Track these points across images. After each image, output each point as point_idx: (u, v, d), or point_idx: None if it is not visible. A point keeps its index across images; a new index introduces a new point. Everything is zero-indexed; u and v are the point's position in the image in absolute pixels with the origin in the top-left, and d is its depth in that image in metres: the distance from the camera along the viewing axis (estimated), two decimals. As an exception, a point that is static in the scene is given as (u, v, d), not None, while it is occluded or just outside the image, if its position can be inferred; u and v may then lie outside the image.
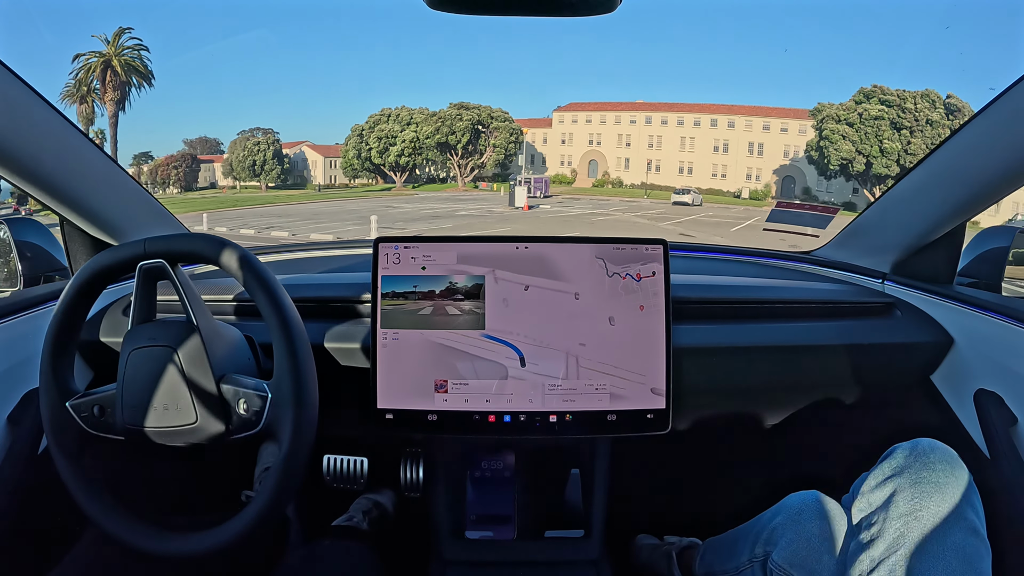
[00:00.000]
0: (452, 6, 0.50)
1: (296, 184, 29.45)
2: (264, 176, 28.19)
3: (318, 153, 30.01)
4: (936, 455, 0.58)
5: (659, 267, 0.74)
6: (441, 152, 27.31)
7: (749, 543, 0.72)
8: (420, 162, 28.18)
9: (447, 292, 0.73)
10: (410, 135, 27.00)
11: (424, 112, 27.53)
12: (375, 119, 28.09)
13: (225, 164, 28.92)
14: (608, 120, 28.40)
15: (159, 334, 0.60)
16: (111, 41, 22.23)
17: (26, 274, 0.85)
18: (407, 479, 0.87)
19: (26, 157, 0.71)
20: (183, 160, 29.17)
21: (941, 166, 0.81)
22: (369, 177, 29.24)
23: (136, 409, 0.60)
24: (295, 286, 0.84)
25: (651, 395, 0.73)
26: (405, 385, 0.73)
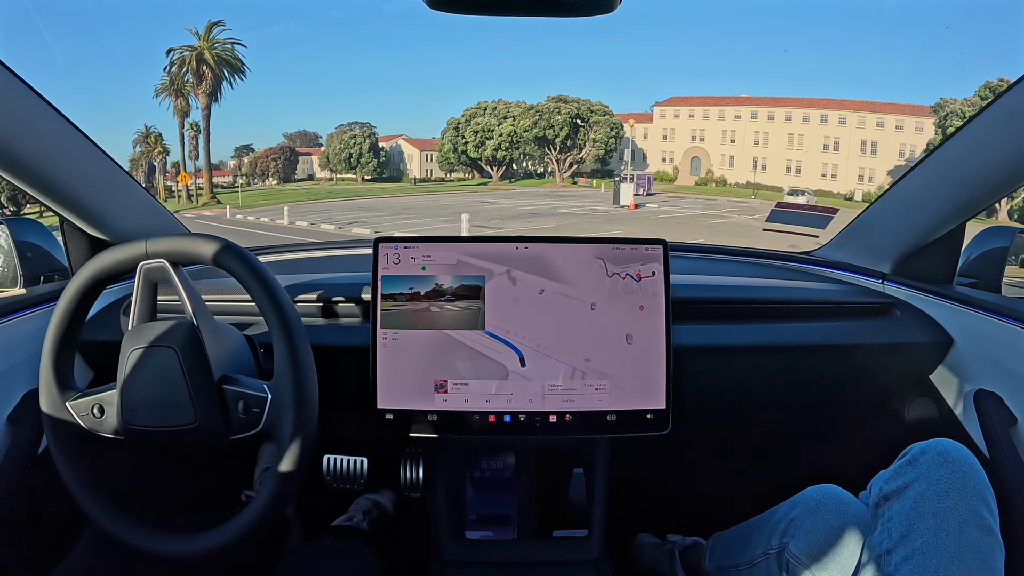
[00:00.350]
0: (452, 6, 0.50)
1: (392, 177, 29.39)
2: (360, 169, 28.27)
3: (414, 147, 29.84)
4: (954, 455, 0.59)
5: (659, 267, 0.74)
6: (539, 146, 26.70)
7: (764, 536, 0.72)
8: (517, 156, 27.67)
9: (447, 292, 0.73)
10: (507, 129, 26.57)
11: (521, 105, 26.97)
12: (471, 112, 27.74)
13: (322, 157, 29.17)
14: (712, 115, 26.71)
15: (160, 334, 0.60)
16: (202, 35, 22.42)
17: (26, 274, 0.85)
18: (407, 479, 0.87)
19: (26, 157, 0.71)
20: (282, 152, 29.63)
21: (941, 166, 0.81)
22: (465, 171, 28.81)
23: (136, 409, 0.60)
24: (295, 286, 0.84)
25: (651, 395, 0.73)
26: (405, 385, 0.73)
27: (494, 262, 0.73)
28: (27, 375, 0.72)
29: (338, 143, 28.63)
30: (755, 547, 0.73)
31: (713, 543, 0.85)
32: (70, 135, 0.75)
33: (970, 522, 0.54)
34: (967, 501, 0.56)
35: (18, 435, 0.70)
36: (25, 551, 0.72)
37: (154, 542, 0.61)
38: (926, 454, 0.60)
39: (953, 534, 0.54)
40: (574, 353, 0.73)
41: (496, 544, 0.81)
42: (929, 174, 0.83)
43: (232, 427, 0.60)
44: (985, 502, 0.56)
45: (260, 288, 0.60)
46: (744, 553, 0.75)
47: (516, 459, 0.85)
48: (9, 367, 0.72)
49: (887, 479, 0.62)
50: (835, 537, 0.64)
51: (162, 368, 0.59)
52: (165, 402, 0.59)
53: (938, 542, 0.54)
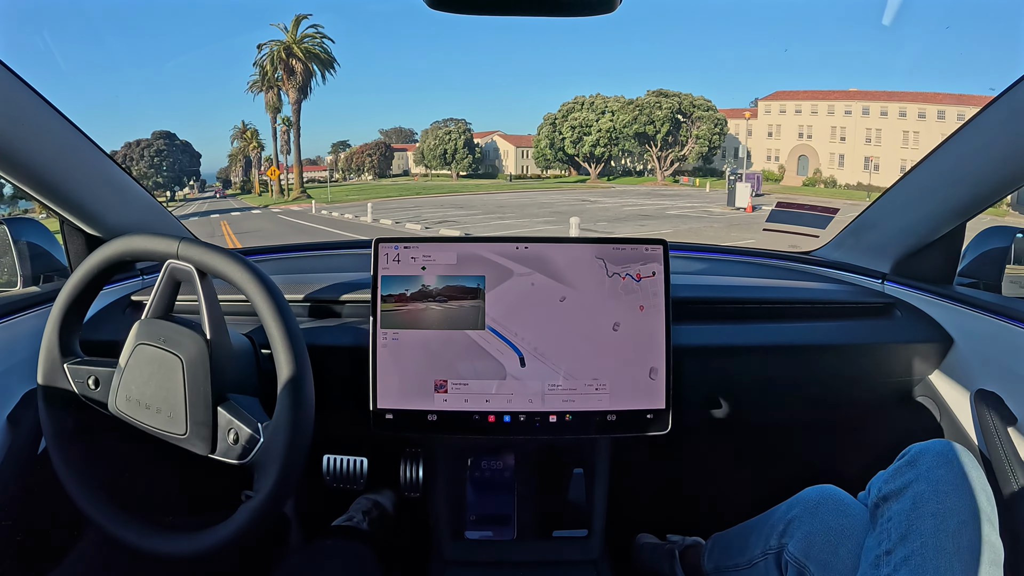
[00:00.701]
0: (452, 6, 0.51)
1: (487, 173, 28.96)
2: (455, 165, 27.95)
3: (510, 143, 29.24)
4: (953, 455, 0.59)
5: (659, 267, 0.74)
6: (639, 143, 25.15)
7: (763, 536, 0.72)
8: (616, 153, 26.21)
9: (447, 292, 0.73)
10: (606, 124, 25.21)
11: (620, 100, 25.45)
12: (568, 107, 26.45)
13: (417, 152, 29.03)
14: (820, 110, 23.81)
15: (171, 338, 0.60)
16: (290, 29, 22.33)
17: (26, 274, 0.85)
18: (407, 479, 0.87)
19: (21, 153, 0.71)
20: (377, 148, 29.70)
21: (941, 166, 0.81)
22: (562, 168, 27.92)
23: (129, 400, 0.60)
24: (295, 286, 0.84)
25: (651, 395, 0.73)
26: (405, 385, 0.73)
27: (494, 262, 0.73)
28: (27, 375, 0.72)
29: (433, 139, 28.34)
30: (754, 547, 0.73)
31: (712, 543, 0.85)
32: (69, 134, 0.75)
33: (969, 523, 0.54)
34: (966, 501, 0.56)
35: (18, 435, 0.70)
36: (25, 551, 0.72)
37: (145, 539, 0.60)
38: (925, 454, 0.60)
39: (952, 535, 0.54)
40: (574, 353, 0.73)
41: (496, 544, 0.81)
42: (929, 174, 0.83)
43: (217, 449, 0.60)
44: (983, 502, 0.56)
45: (279, 329, 0.59)
46: (743, 553, 0.75)
47: (516, 459, 0.85)
48: (9, 367, 0.72)
49: (886, 479, 0.62)
50: (834, 538, 0.64)
51: (165, 373, 0.59)
52: (159, 406, 0.59)
53: (937, 543, 0.54)
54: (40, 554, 0.74)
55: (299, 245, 1.13)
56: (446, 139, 28.16)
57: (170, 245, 0.60)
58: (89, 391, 0.63)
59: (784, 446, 1.12)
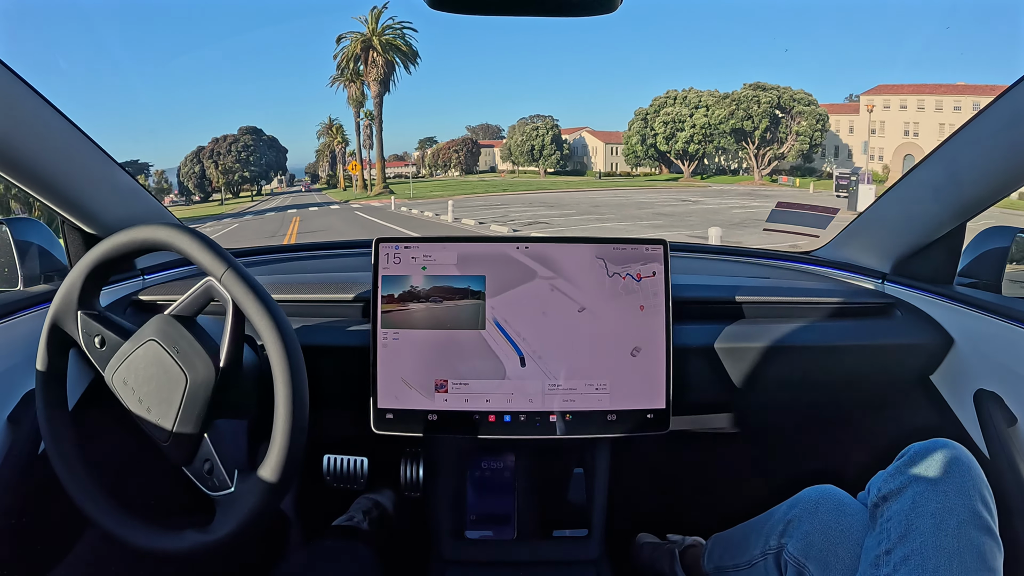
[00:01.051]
0: (452, 6, 0.51)
1: (576, 171, 28.20)
2: (542, 161, 27.39)
3: (598, 139, 28.28)
4: (953, 455, 0.59)
5: (659, 267, 0.74)
6: (735, 139, 23.16)
7: (762, 536, 0.72)
8: (710, 151, 24.41)
9: (447, 292, 0.73)
10: (700, 120, 23.44)
11: (715, 94, 23.72)
12: (660, 102, 24.90)
13: (504, 148, 28.68)
14: (927, 106, 21.76)
15: (185, 352, 0.59)
16: (370, 21, 22.24)
17: (26, 274, 0.85)
18: (407, 479, 0.87)
19: (24, 154, 0.71)
20: (464, 144, 29.73)
21: (941, 166, 0.81)
22: (652, 166, 26.55)
23: (127, 387, 0.60)
24: (295, 286, 0.84)
25: (651, 395, 0.73)
26: (405, 385, 0.73)
27: (494, 262, 0.73)
28: (27, 375, 0.72)
29: (520, 135, 27.82)
30: (753, 547, 0.73)
31: (712, 544, 0.85)
32: (68, 133, 0.75)
33: (969, 522, 0.54)
34: (966, 501, 0.56)
35: (18, 435, 0.70)
36: (25, 551, 0.72)
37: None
38: (925, 454, 0.60)
39: (952, 534, 0.54)
40: (574, 352, 0.73)
41: (496, 544, 0.81)
42: (929, 174, 0.83)
43: (191, 468, 0.60)
44: (984, 502, 0.56)
45: (284, 387, 0.57)
46: (743, 554, 0.75)
47: (516, 459, 0.85)
48: (9, 367, 0.72)
49: (886, 479, 0.62)
50: (833, 538, 0.64)
51: (167, 381, 0.59)
52: (150, 405, 0.59)
53: (937, 542, 0.54)
54: (40, 554, 0.74)
55: (300, 245, 1.13)
56: (533, 135, 27.60)
57: (218, 267, 0.59)
58: (93, 348, 0.62)
59: (784, 446, 1.12)
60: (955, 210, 0.81)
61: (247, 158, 26.38)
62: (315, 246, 1.14)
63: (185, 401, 0.58)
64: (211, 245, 0.59)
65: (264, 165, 27.32)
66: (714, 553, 0.83)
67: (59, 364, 0.65)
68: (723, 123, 22.98)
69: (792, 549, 0.66)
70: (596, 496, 0.83)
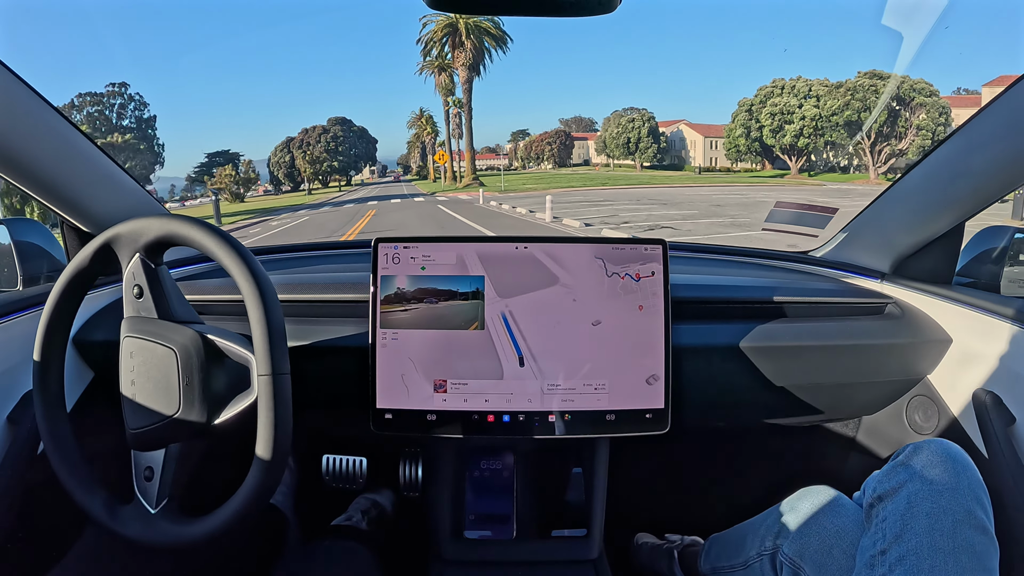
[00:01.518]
0: (452, 6, 0.51)
1: (673, 165, 26.89)
2: (639, 155, 26.38)
3: (697, 132, 26.74)
4: (948, 454, 0.59)
5: (658, 267, 0.74)
6: (848, 133, 21.04)
7: (758, 537, 0.72)
8: (820, 145, 22.08)
9: (446, 292, 0.73)
10: (810, 111, 21.36)
11: (826, 83, 21.56)
12: (767, 92, 22.80)
13: (598, 141, 27.80)
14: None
15: (165, 334, 0.60)
16: None
17: (26, 274, 0.85)
18: (406, 479, 0.87)
19: (23, 154, 0.71)
20: (557, 137, 29.54)
21: (941, 165, 0.81)
22: (754, 161, 24.39)
23: (126, 377, 0.61)
24: (295, 286, 0.84)
25: (650, 395, 0.73)
26: (404, 385, 0.73)
27: (494, 262, 0.73)
28: (27, 375, 0.72)
29: (615, 127, 26.80)
30: (749, 548, 0.73)
31: (709, 544, 0.85)
32: (68, 132, 0.75)
33: (964, 522, 0.54)
34: (961, 500, 0.56)
35: (18, 435, 0.70)
36: (25, 551, 0.72)
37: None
38: (920, 453, 0.60)
39: (947, 534, 0.54)
40: (573, 353, 0.73)
41: (495, 544, 0.81)
42: (929, 174, 0.83)
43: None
44: (979, 501, 0.56)
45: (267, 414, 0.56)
46: (739, 555, 0.75)
47: (515, 459, 0.85)
48: (9, 367, 0.72)
49: (880, 479, 0.62)
50: (828, 538, 0.64)
51: (163, 374, 0.59)
52: (147, 393, 0.59)
53: (932, 542, 0.54)
54: (40, 554, 0.74)
55: (300, 245, 1.13)
56: (629, 127, 26.57)
57: (259, 295, 0.58)
58: (131, 296, 0.62)
59: (783, 446, 1.12)
60: (954, 210, 0.81)
61: (336, 148, 26.30)
62: (316, 246, 1.14)
63: (181, 372, 0.58)
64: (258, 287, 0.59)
65: (353, 156, 27.24)
66: (711, 554, 0.83)
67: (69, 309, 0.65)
68: (836, 115, 20.78)
69: (787, 550, 0.67)
70: (595, 496, 0.83)
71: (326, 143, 26.38)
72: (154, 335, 0.60)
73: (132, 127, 28.79)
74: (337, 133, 26.73)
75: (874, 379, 0.88)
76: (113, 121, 28.41)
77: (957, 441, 0.73)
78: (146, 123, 29.05)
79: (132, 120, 28.88)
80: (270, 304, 0.56)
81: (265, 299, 0.56)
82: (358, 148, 27.26)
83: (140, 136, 28.68)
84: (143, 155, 28.30)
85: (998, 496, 0.67)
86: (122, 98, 28.72)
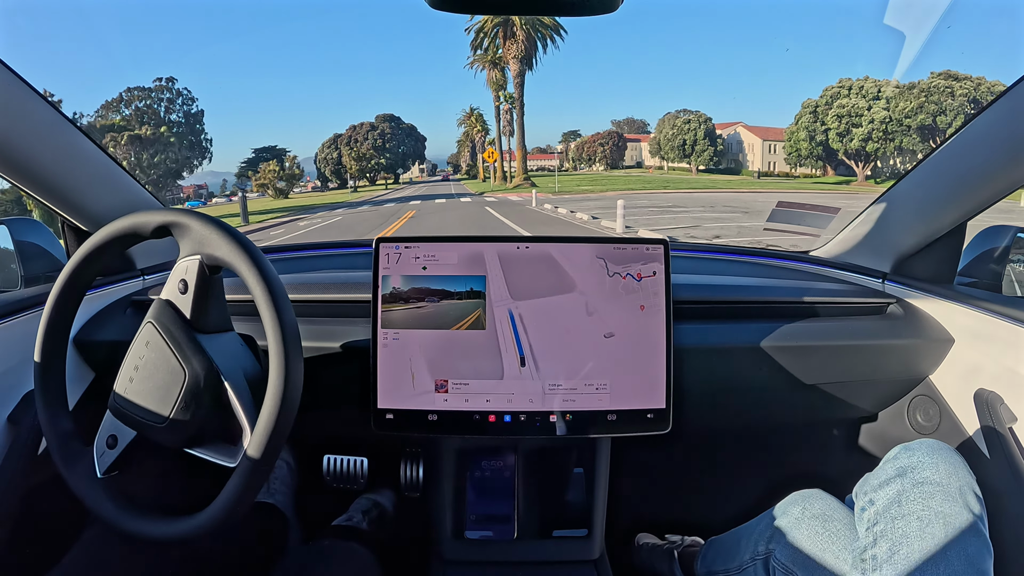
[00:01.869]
0: (453, 6, 0.50)
1: (729, 168, 25.86)
2: (695, 157, 25.36)
3: (755, 135, 25.73)
4: (939, 456, 0.58)
5: (660, 267, 0.73)
6: (922, 138, 19.61)
7: (752, 541, 0.72)
8: (890, 150, 20.62)
9: (447, 292, 0.73)
10: (880, 113, 20.08)
11: (895, 84, 20.32)
12: (833, 92, 21.28)
13: (652, 143, 26.81)
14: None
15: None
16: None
17: (26, 274, 0.85)
18: (407, 479, 0.87)
19: (23, 153, 0.71)
20: (609, 138, 29.09)
21: (942, 165, 0.81)
22: (814, 166, 23.07)
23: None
24: (296, 285, 0.84)
25: (651, 395, 0.73)
26: (405, 385, 0.72)
27: (495, 262, 0.73)
28: (27, 375, 0.72)
29: (670, 128, 25.75)
30: (743, 553, 0.73)
31: (706, 547, 0.85)
32: (67, 131, 0.75)
33: (955, 524, 0.53)
34: (952, 503, 0.55)
35: (18, 435, 0.70)
36: (25, 551, 0.72)
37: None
38: (910, 455, 0.60)
39: (938, 538, 0.53)
40: (574, 352, 0.73)
41: (496, 544, 0.81)
42: (930, 173, 0.83)
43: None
44: (971, 503, 0.55)
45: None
46: (733, 559, 0.75)
47: (516, 459, 0.85)
48: (9, 367, 0.72)
49: (871, 481, 0.61)
50: (820, 543, 0.64)
51: (166, 385, 0.58)
52: (145, 389, 0.58)
53: (922, 545, 0.53)
54: (40, 554, 0.74)
55: (300, 245, 1.13)
56: (685, 129, 25.44)
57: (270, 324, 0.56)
58: (175, 286, 0.60)
59: (784, 446, 1.12)
60: (956, 209, 0.81)
61: (383, 146, 26.07)
62: (317, 246, 1.14)
63: (185, 390, 0.57)
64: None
65: (401, 153, 26.85)
66: (707, 557, 0.83)
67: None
68: (909, 118, 19.35)
69: (780, 555, 0.66)
70: (596, 496, 0.83)
71: (373, 140, 25.98)
72: (176, 345, 0.58)
73: (180, 120, 28.80)
74: (385, 130, 26.25)
75: (876, 379, 0.88)
76: (161, 115, 28.39)
77: (959, 442, 0.73)
78: (194, 117, 29.10)
79: (180, 115, 28.96)
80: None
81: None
82: (406, 146, 26.65)
83: (188, 130, 28.66)
84: (190, 149, 28.28)
85: (999, 496, 0.67)
86: (170, 92, 28.77)
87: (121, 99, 27.53)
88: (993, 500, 0.59)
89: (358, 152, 25.85)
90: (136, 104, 27.86)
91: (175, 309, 0.59)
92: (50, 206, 0.80)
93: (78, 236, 0.87)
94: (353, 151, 26.24)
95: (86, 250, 0.62)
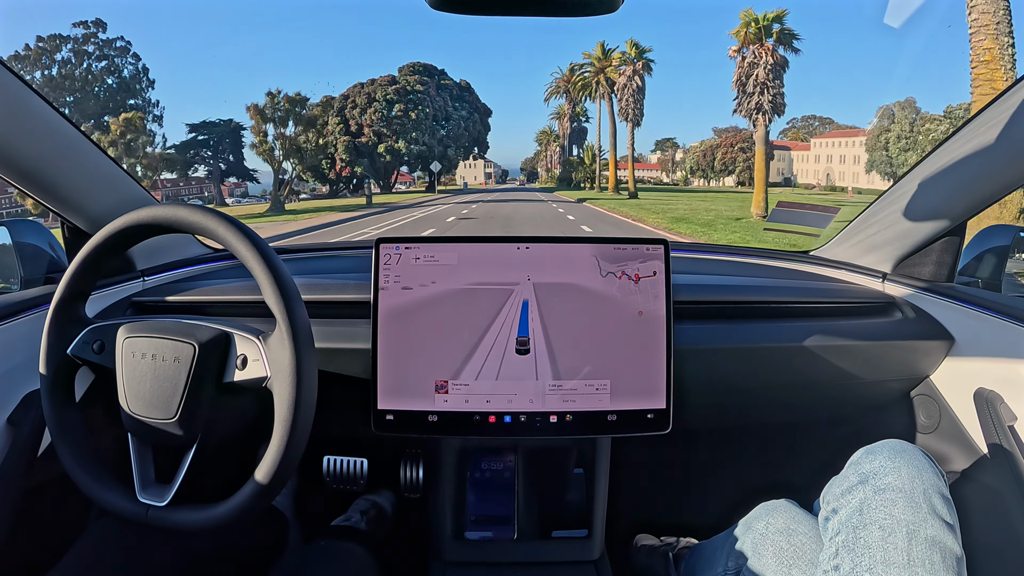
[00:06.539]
0: (453, 6, 0.50)
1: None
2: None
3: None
4: (902, 459, 0.56)
5: (660, 267, 0.73)
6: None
7: (724, 555, 0.72)
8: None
9: (448, 292, 0.73)
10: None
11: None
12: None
13: (868, 141, 23.54)
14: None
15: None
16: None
17: (26, 275, 0.85)
18: (407, 480, 0.87)
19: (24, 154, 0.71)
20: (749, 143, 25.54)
21: (942, 165, 0.81)
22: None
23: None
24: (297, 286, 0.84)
25: (651, 395, 0.73)
26: (405, 386, 0.72)
27: (495, 263, 0.73)
28: (27, 376, 0.72)
29: (902, 126, 22.27)
30: (717, 565, 0.73)
31: (690, 553, 0.85)
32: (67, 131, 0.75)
33: (920, 531, 0.51)
34: (914, 510, 0.52)
35: (18, 436, 0.70)
36: (25, 551, 0.72)
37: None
38: (872, 458, 0.57)
39: (901, 548, 0.50)
40: (575, 353, 0.73)
41: (496, 544, 0.81)
42: (930, 173, 0.83)
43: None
44: (935, 506, 0.52)
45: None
46: (709, 569, 0.75)
47: (516, 459, 0.85)
48: (9, 368, 0.72)
49: (833, 489, 0.59)
50: (786, 559, 0.63)
51: (167, 380, 0.59)
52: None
53: (885, 556, 0.50)
54: (40, 554, 0.74)
55: (300, 246, 1.13)
56: (924, 130, 21.37)
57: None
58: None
59: (784, 446, 1.12)
60: (956, 209, 0.81)
61: (405, 115, 21.54)
62: (318, 247, 1.14)
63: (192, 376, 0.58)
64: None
65: (443, 137, 21.45)
66: (689, 562, 0.83)
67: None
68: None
69: (747, 573, 0.66)
70: (596, 496, 0.83)
71: (384, 105, 15.77)
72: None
73: (112, 85, 21.55)
74: (414, 86, 15.99)
75: (876, 378, 0.88)
76: (81, 75, 20.61)
77: (959, 442, 0.73)
78: (131, 80, 22.06)
79: (113, 77, 21.51)
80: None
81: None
82: (454, 121, 16.45)
83: (121, 97, 21.73)
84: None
85: (999, 496, 0.67)
86: (96, 44, 20.70)
87: (41, 52, 20.00)
88: (993, 499, 0.58)
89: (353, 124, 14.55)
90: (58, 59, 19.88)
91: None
92: (50, 207, 0.80)
93: (77, 236, 0.87)
94: (330, 131, 15.36)
95: (101, 238, 0.63)
